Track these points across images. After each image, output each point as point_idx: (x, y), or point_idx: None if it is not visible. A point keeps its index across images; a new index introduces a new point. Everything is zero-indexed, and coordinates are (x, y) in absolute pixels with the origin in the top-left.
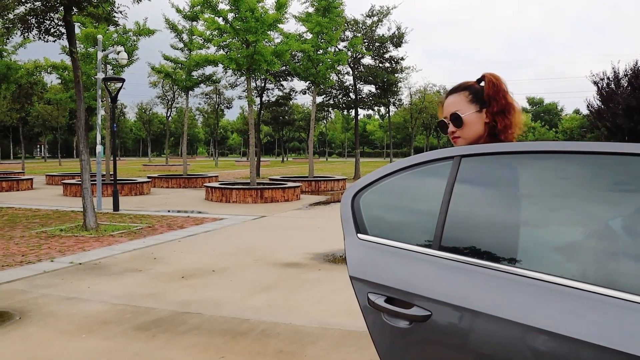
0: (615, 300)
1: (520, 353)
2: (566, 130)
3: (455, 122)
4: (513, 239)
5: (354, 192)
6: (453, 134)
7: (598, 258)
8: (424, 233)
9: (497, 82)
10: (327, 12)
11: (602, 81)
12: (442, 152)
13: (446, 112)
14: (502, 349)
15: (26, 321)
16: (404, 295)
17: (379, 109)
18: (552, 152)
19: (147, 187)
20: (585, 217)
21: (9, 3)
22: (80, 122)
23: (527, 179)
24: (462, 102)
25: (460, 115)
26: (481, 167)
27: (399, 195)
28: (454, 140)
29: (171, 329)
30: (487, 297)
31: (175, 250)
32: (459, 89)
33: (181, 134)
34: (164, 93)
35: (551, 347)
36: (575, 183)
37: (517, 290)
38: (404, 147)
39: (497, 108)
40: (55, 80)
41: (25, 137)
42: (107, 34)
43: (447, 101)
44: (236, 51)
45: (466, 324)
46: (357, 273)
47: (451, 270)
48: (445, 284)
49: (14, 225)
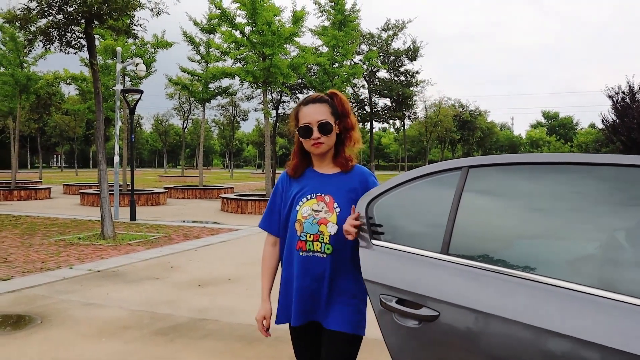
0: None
1: (518, 350)
2: (581, 145)
3: (324, 129)
4: (516, 245)
5: (369, 200)
6: (318, 139)
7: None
8: (433, 239)
9: (346, 101)
10: (343, 26)
11: (617, 95)
12: (451, 163)
13: (312, 119)
14: (503, 346)
15: (47, 325)
16: (413, 297)
17: (394, 122)
18: (554, 163)
19: (164, 197)
20: (587, 225)
21: (33, 16)
22: (100, 132)
23: (530, 188)
24: (327, 113)
25: (331, 124)
26: (487, 177)
27: (410, 203)
28: (317, 146)
29: (189, 335)
30: (491, 298)
31: (191, 259)
32: (320, 101)
33: (197, 146)
34: (180, 105)
35: (551, 345)
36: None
37: (519, 291)
38: (418, 161)
39: (347, 124)
40: (73, 91)
41: (43, 147)
42: (126, 46)
43: (310, 109)
44: (253, 64)
45: (472, 323)
46: (371, 276)
47: (458, 274)
48: (452, 286)
49: (33, 233)
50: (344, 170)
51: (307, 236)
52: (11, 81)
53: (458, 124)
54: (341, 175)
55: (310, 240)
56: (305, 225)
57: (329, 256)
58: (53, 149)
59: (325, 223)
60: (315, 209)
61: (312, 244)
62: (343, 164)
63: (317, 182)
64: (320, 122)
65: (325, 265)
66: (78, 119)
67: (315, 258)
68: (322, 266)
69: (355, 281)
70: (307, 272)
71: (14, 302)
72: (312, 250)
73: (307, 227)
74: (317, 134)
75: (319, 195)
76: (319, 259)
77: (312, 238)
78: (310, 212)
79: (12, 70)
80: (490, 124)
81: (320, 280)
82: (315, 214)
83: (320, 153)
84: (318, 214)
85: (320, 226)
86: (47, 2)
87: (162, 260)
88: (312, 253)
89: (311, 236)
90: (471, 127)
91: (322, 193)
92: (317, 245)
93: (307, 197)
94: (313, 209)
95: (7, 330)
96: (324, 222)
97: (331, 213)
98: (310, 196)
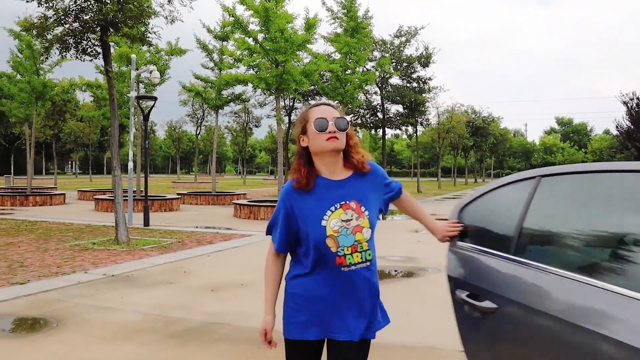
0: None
1: (567, 351)
2: (595, 151)
3: (340, 125)
4: (581, 249)
5: (462, 205)
6: (334, 133)
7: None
8: (502, 240)
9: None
10: (356, 33)
11: (632, 101)
12: (526, 173)
13: (328, 114)
14: (552, 345)
15: (63, 328)
16: (479, 291)
17: (407, 129)
18: (621, 171)
19: (177, 203)
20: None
21: (50, 24)
22: (114, 138)
23: (595, 194)
24: (340, 114)
25: (347, 121)
26: (557, 185)
27: (490, 208)
28: (332, 140)
29: (202, 338)
30: (546, 297)
31: (204, 264)
32: (332, 105)
33: (210, 152)
34: (193, 111)
35: (602, 350)
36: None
37: (575, 293)
38: (431, 167)
39: (353, 139)
40: (88, 98)
41: (58, 154)
42: (140, 54)
43: (324, 108)
44: (265, 71)
45: (525, 319)
46: (451, 272)
47: (518, 272)
48: (511, 283)
49: (48, 238)
50: (359, 172)
51: (345, 250)
52: (27, 88)
53: (471, 131)
54: (357, 177)
55: (349, 254)
56: (340, 239)
57: (371, 262)
58: (68, 155)
59: (360, 230)
60: (344, 219)
61: (352, 256)
62: (360, 164)
63: (335, 189)
64: (336, 117)
65: (369, 274)
66: (93, 126)
67: (359, 271)
68: (368, 277)
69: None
70: (354, 287)
71: (30, 306)
72: (354, 263)
73: (343, 240)
74: (334, 127)
75: (343, 204)
76: (363, 270)
77: (350, 251)
78: (341, 224)
79: (29, 78)
80: (503, 130)
81: (369, 292)
82: (346, 224)
83: (335, 148)
84: (350, 223)
85: (356, 235)
86: (63, 10)
87: (175, 265)
88: (354, 266)
89: (349, 249)
90: (484, 134)
91: (345, 200)
92: (357, 257)
93: (330, 208)
94: (342, 220)
95: (24, 332)
96: (358, 230)
97: (362, 218)
98: (335, 207)
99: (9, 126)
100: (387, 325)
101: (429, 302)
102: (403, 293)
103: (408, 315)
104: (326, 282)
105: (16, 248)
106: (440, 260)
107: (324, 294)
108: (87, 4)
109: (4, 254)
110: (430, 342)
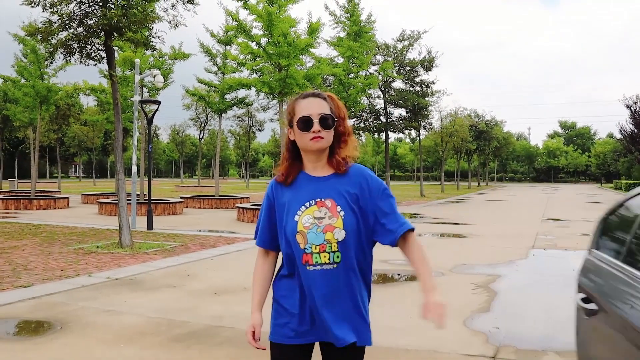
0: None
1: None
2: (599, 155)
3: (325, 123)
4: None
5: (604, 216)
6: (318, 133)
7: None
8: (617, 248)
9: (343, 106)
10: (359, 37)
11: (635, 105)
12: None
13: (312, 111)
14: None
15: (67, 331)
16: (589, 295)
17: (410, 133)
18: None
19: (180, 207)
20: None
21: (54, 29)
22: (118, 142)
23: None
24: (327, 108)
25: (333, 117)
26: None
27: (617, 218)
28: (316, 140)
29: (205, 341)
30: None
31: (207, 268)
32: (320, 96)
33: (213, 156)
34: (197, 115)
35: None
36: None
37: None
38: (434, 171)
39: (344, 128)
40: (92, 102)
41: (61, 157)
42: (144, 58)
43: (310, 102)
44: (269, 75)
45: (618, 325)
46: (577, 276)
47: (621, 280)
48: (611, 289)
49: (52, 242)
50: (338, 172)
51: (312, 248)
52: (32, 92)
53: (474, 134)
54: (337, 177)
55: (316, 252)
56: (310, 236)
57: (339, 265)
58: (71, 159)
59: (331, 230)
60: (317, 216)
61: (319, 255)
62: (338, 165)
63: (313, 186)
64: (321, 115)
65: (335, 277)
66: (96, 130)
67: (324, 272)
68: (333, 279)
69: (359, 289)
70: (317, 287)
71: (34, 309)
72: (320, 262)
73: (312, 237)
74: (318, 127)
75: (319, 201)
76: (329, 271)
77: (318, 249)
78: (313, 221)
79: (33, 82)
80: (506, 134)
81: (331, 294)
82: (318, 221)
83: (320, 149)
84: (322, 222)
85: (326, 234)
86: (68, 15)
87: (179, 268)
88: (320, 266)
89: (317, 247)
90: (487, 137)
91: (321, 198)
92: (324, 257)
93: (305, 204)
94: (315, 217)
95: (28, 335)
96: (329, 229)
97: (336, 218)
98: (309, 203)
99: (13, 130)
100: (389, 329)
101: None
102: (406, 296)
103: (411, 319)
104: (295, 282)
105: (20, 251)
106: (443, 264)
107: (293, 294)
108: (91, 9)
109: (8, 257)
110: (433, 345)
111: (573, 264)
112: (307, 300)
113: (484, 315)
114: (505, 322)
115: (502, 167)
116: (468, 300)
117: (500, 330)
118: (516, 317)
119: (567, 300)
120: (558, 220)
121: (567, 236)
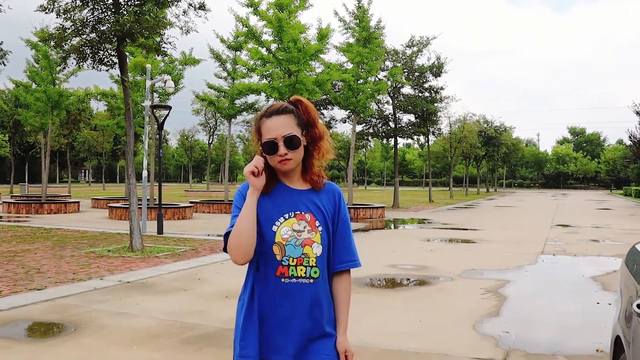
0: None
1: None
2: (609, 161)
3: (290, 144)
4: None
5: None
6: (284, 156)
7: None
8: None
9: (312, 109)
10: (368, 43)
11: None
12: None
13: (276, 133)
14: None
15: (80, 333)
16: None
17: (418, 138)
18: None
19: (190, 211)
20: None
21: (67, 35)
22: (129, 147)
23: None
24: (293, 125)
25: (299, 137)
26: None
27: None
28: (283, 163)
29: (216, 344)
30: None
31: (218, 271)
32: (284, 111)
33: (222, 161)
34: (206, 120)
35: None
36: None
37: None
38: (443, 177)
39: (314, 134)
40: (102, 107)
41: (72, 162)
42: (155, 63)
43: (274, 121)
44: (278, 80)
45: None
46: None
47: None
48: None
49: (63, 246)
50: (314, 188)
51: (289, 260)
52: (44, 97)
53: (483, 140)
54: (314, 192)
55: (293, 265)
56: (288, 249)
57: (315, 281)
58: (81, 163)
59: (310, 244)
60: (296, 229)
61: (296, 269)
62: (314, 182)
63: (293, 198)
64: (286, 136)
65: (311, 292)
66: (106, 135)
67: (300, 285)
68: (309, 293)
69: (330, 305)
70: (291, 301)
71: (48, 311)
72: (296, 276)
73: (290, 250)
74: (284, 150)
75: (298, 214)
76: (304, 285)
77: (295, 262)
78: (292, 233)
79: (45, 87)
80: (515, 140)
81: (306, 310)
82: (297, 234)
83: (288, 170)
84: (301, 235)
85: (304, 248)
86: (81, 21)
87: (189, 272)
88: (295, 279)
89: (294, 260)
90: (496, 143)
91: (301, 211)
92: (301, 270)
93: (284, 215)
94: (294, 229)
95: (42, 337)
96: (308, 243)
97: (315, 232)
98: (289, 215)
99: (24, 135)
100: (399, 333)
101: (441, 309)
102: (415, 301)
103: (420, 323)
104: (266, 294)
105: (33, 255)
106: (453, 269)
107: (266, 309)
108: (104, 15)
109: (21, 260)
110: (443, 348)
111: (582, 269)
112: (283, 315)
113: (493, 319)
114: (514, 327)
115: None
116: (477, 305)
117: (510, 334)
118: (526, 322)
119: (576, 306)
120: (567, 226)
121: (577, 242)
